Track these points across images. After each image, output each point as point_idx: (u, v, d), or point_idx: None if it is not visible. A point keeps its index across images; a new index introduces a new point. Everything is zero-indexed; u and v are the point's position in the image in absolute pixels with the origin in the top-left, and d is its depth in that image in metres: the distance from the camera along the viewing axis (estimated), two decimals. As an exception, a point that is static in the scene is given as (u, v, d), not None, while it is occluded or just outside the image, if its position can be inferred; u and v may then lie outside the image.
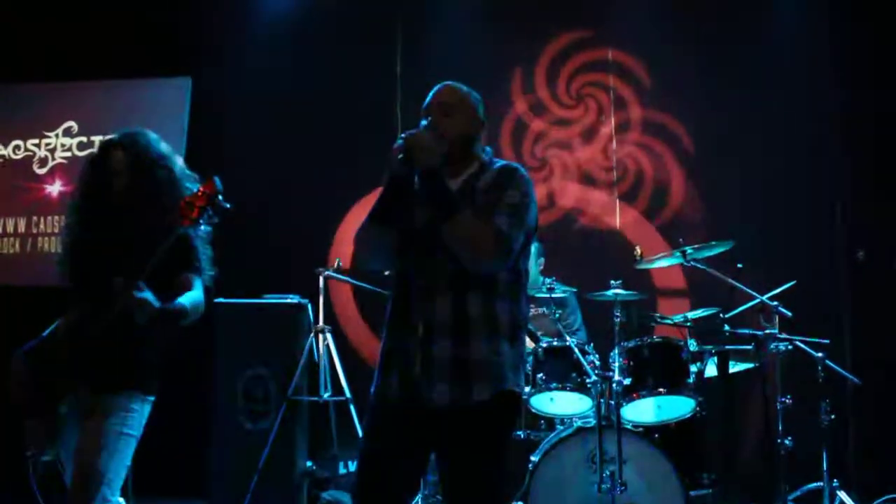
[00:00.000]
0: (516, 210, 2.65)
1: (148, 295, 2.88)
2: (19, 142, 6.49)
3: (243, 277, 5.49)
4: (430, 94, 2.81)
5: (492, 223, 2.59)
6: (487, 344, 2.62)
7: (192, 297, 3.08)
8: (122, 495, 3.12)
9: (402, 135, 2.64)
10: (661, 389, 4.35)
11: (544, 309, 4.89)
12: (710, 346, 4.58)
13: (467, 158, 2.78)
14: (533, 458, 4.25)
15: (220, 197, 2.92)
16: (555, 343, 4.53)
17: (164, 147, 3.26)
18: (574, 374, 4.42)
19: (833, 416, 4.49)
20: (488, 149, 2.88)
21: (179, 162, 3.29)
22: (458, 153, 2.74)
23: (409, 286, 2.68)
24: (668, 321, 4.71)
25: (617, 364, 4.41)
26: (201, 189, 2.94)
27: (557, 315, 4.72)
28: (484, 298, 2.64)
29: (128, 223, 3.11)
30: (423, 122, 2.72)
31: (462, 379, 2.60)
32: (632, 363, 4.41)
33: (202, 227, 3.05)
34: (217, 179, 2.93)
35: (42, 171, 6.43)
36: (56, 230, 6.21)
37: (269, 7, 6.50)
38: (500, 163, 2.81)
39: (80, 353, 2.99)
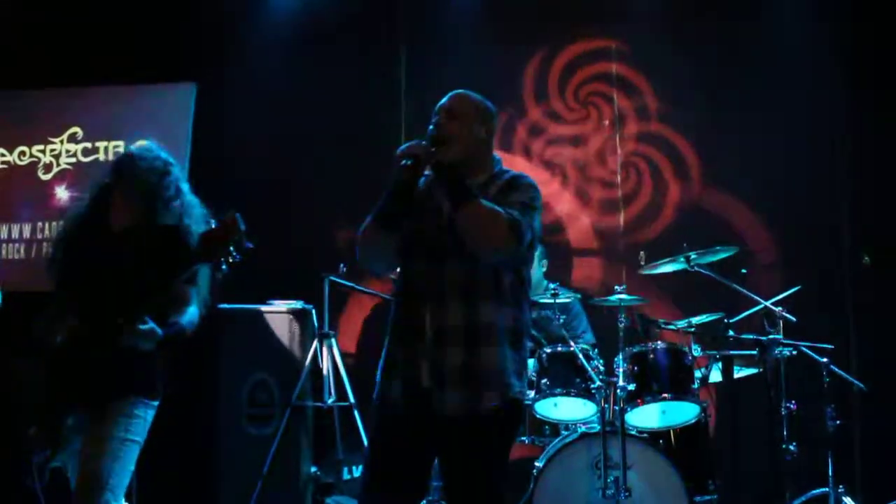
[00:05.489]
0: (525, 208, 2.68)
1: (152, 325, 2.92)
2: (24, 148, 6.50)
3: (247, 283, 5.49)
4: (443, 99, 2.84)
5: (505, 211, 2.62)
6: (496, 351, 2.64)
7: (190, 313, 3.09)
8: (127, 500, 3.13)
9: (402, 147, 2.69)
10: (665, 395, 4.35)
11: (548, 312, 4.89)
12: (714, 352, 4.57)
13: (474, 167, 2.79)
14: (537, 464, 4.25)
15: (245, 237, 2.82)
16: (559, 348, 4.52)
17: (162, 164, 3.23)
18: (578, 380, 4.41)
19: (838, 422, 4.48)
20: (498, 158, 2.89)
21: (178, 172, 3.28)
22: (462, 162, 2.74)
23: (416, 292, 2.69)
24: (672, 327, 4.70)
25: (621, 369, 4.41)
26: (223, 227, 2.84)
27: (562, 320, 4.71)
28: (492, 305, 2.66)
29: (127, 249, 3.12)
30: (430, 127, 2.76)
31: (473, 386, 2.61)
32: (636, 368, 4.40)
33: (223, 269, 2.98)
34: (239, 217, 2.83)
35: (47, 177, 6.44)
36: (60, 236, 6.21)
37: (272, 12, 6.51)
38: (510, 173, 2.83)
39: (83, 365, 2.99)
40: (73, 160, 6.42)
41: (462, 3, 6.37)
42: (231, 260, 2.85)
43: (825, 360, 4.46)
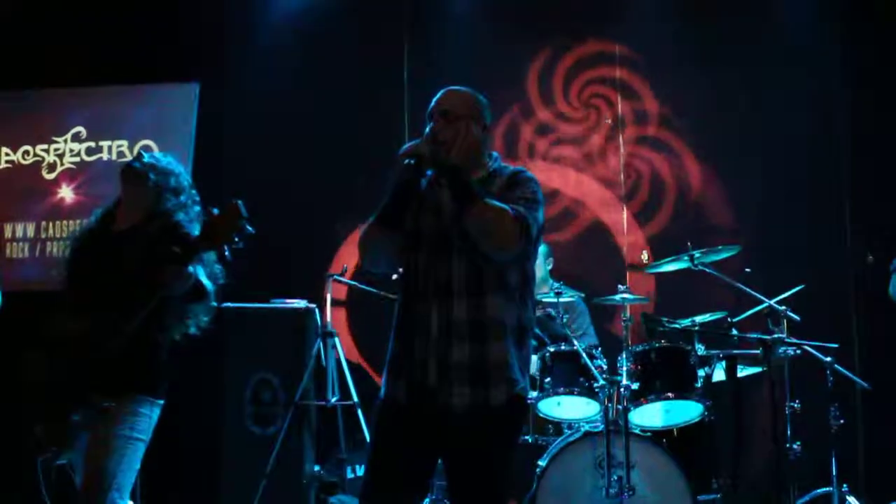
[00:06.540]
0: (529, 203, 2.69)
1: (191, 268, 2.97)
2: (28, 147, 6.51)
3: (250, 283, 5.50)
4: (433, 100, 2.83)
5: (511, 209, 2.63)
6: (502, 347, 2.65)
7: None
8: (132, 499, 3.14)
9: (405, 146, 2.68)
10: (669, 394, 4.35)
11: (551, 311, 4.89)
12: (717, 351, 4.57)
13: (474, 165, 2.78)
14: (540, 463, 4.24)
15: (246, 223, 2.89)
16: (562, 347, 4.52)
17: (167, 164, 3.30)
18: (581, 379, 4.42)
19: (842, 421, 4.47)
20: (495, 154, 2.89)
21: (182, 172, 3.33)
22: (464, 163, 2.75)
23: (420, 291, 2.69)
24: (676, 326, 4.70)
25: (625, 368, 4.41)
26: (225, 214, 2.89)
27: (565, 319, 4.71)
28: (497, 301, 2.66)
29: (130, 246, 3.16)
30: (426, 130, 2.75)
31: (481, 382, 2.62)
32: (639, 368, 4.40)
33: (227, 254, 3.00)
34: (241, 204, 2.91)
35: (51, 177, 6.45)
36: (65, 235, 6.23)
37: (274, 12, 6.51)
38: (509, 168, 2.83)
39: (91, 361, 3.00)
40: (77, 159, 6.43)
41: (465, 2, 6.37)
42: (234, 246, 2.89)
43: (829, 359, 4.45)
